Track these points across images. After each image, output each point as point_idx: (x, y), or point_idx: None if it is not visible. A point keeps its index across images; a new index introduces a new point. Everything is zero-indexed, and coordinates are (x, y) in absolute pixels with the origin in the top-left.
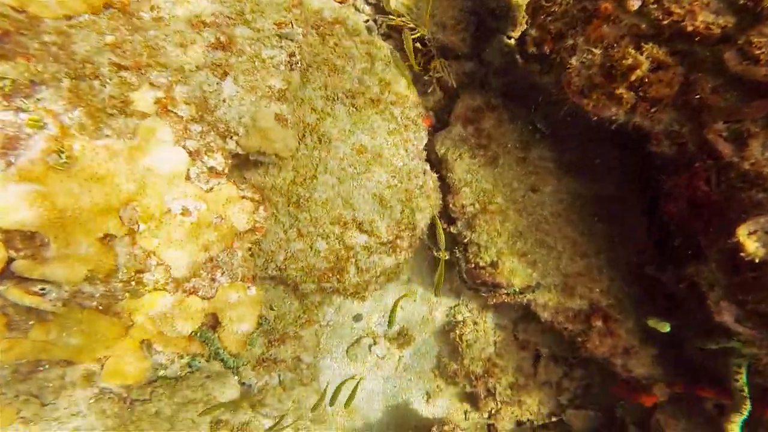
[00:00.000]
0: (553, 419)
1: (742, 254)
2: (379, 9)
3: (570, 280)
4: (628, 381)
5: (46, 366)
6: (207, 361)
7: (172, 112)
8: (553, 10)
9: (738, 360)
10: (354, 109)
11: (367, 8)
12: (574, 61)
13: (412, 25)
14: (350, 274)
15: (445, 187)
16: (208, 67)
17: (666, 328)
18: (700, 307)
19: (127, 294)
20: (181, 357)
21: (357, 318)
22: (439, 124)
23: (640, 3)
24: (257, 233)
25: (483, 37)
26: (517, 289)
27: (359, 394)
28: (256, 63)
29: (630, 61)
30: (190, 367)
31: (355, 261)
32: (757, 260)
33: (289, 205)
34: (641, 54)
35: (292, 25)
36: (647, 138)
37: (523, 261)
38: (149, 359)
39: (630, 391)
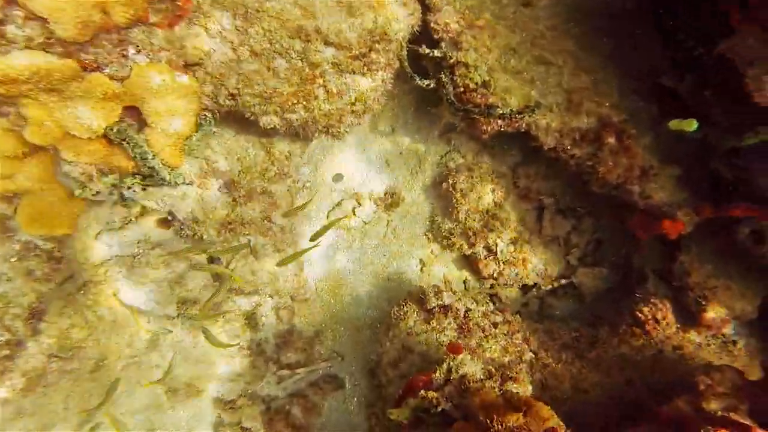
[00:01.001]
0: (563, 282)
1: None
2: None
3: (574, 96)
4: (647, 211)
5: None
6: (143, 184)
7: None
8: None
9: None
10: None
11: None
12: None
13: None
14: (319, 99)
15: (425, 10)
16: None
17: (693, 125)
18: (731, 104)
19: None
20: (103, 174)
21: (337, 178)
22: None
23: None
24: (182, 8)
25: None
26: (514, 110)
27: (345, 266)
28: None
29: None
30: (118, 192)
31: (323, 82)
32: None
33: (236, 19)
34: None
35: None
36: None
37: (519, 79)
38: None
39: (649, 223)
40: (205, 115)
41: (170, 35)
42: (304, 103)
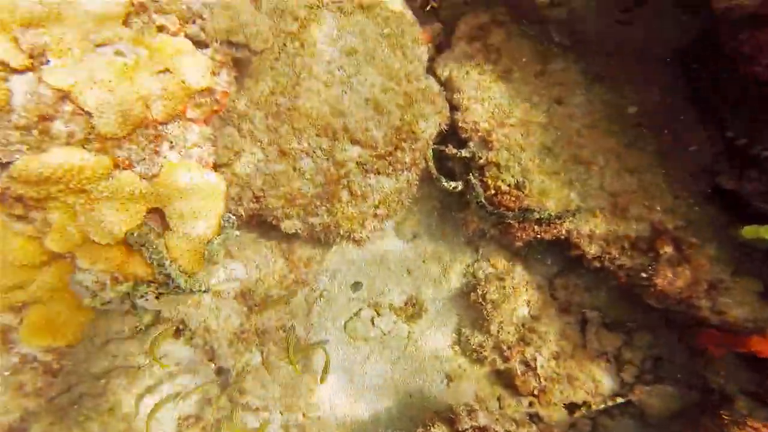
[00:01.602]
0: (618, 401)
1: None
2: None
3: (620, 199)
4: (722, 327)
5: None
6: (156, 292)
7: None
8: None
9: None
10: (342, 15)
11: None
12: None
13: None
14: (343, 201)
15: (453, 110)
16: None
17: None
18: None
19: (25, 147)
20: (117, 282)
21: (356, 287)
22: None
23: None
24: (219, 102)
25: None
26: (553, 214)
27: (363, 379)
28: None
29: None
30: (130, 300)
31: (348, 183)
32: None
33: (267, 118)
34: None
35: None
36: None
37: (556, 180)
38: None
39: (726, 340)
40: (229, 216)
41: (205, 131)
42: (328, 205)
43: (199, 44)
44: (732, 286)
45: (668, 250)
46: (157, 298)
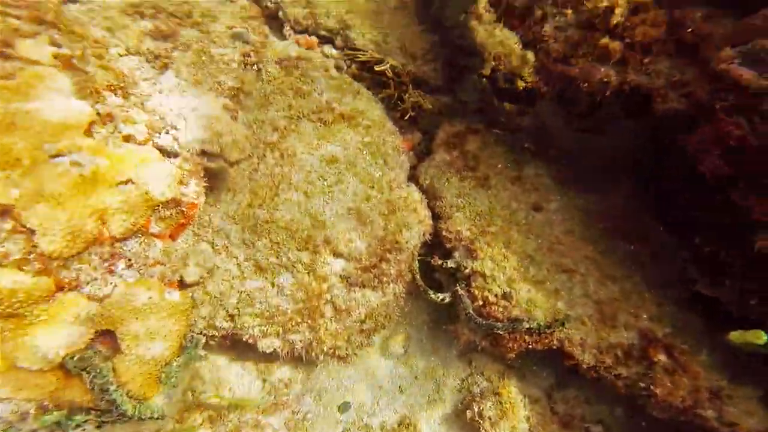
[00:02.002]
0: None
1: None
2: (344, 50)
3: (606, 307)
4: None
5: None
6: (98, 421)
7: (79, 69)
8: None
9: None
10: (322, 125)
11: (335, 52)
12: (547, 27)
13: (379, 57)
14: (326, 317)
15: (436, 218)
16: (143, 54)
17: (762, 338)
18: None
19: None
20: (45, 411)
21: (344, 408)
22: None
23: None
24: (186, 215)
25: (455, 75)
26: (542, 323)
27: None
28: (203, 58)
29: (605, 2)
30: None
31: (331, 297)
32: None
33: (244, 232)
34: None
35: (248, 30)
36: (650, 100)
37: (542, 289)
38: None
39: None
40: (192, 335)
41: (170, 248)
42: (309, 322)
43: (170, 154)
44: (733, 394)
45: (662, 358)
46: (98, 427)
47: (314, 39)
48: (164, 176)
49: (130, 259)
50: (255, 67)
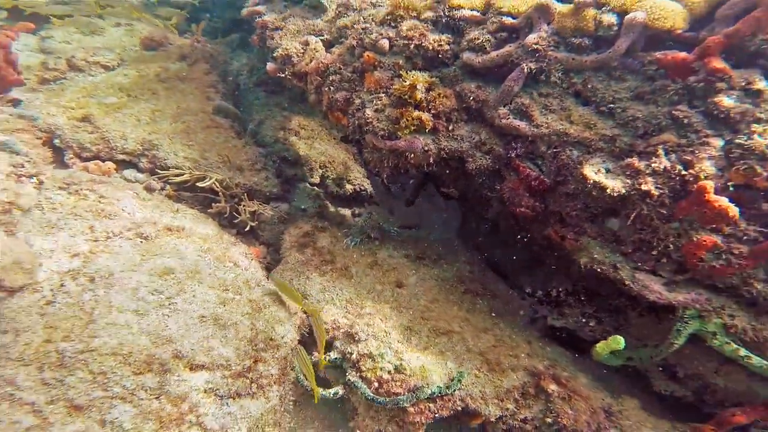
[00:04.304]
0: None
1: (607, 192)
2: (154, 172)
3: (489, 355)
4: None
5: None
6: None
7: None
8: (332, 79)
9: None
10: (143, 240)
11: (141, 176)
12: (369, 112)
13: (199, 173)
14: None
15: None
16: None
17: (620, 343)
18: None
19: None
20: None
21: None
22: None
23: (388, 41)
24: None
25: (287, 185)
26: (441, 385)
27: None
28: None
29: (408, 82)
30: None
31: (197, 419)
32: (618, 193)
33: (43, 371)
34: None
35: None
36: (463, 161)
37: (429, 354)
38: None
39: None
40: None
41: None
42: None
43: None
44: (621, 408)
45: (554, 387)
46: None
47: (110, 164)
48: None
49: None
50: (34, 179)
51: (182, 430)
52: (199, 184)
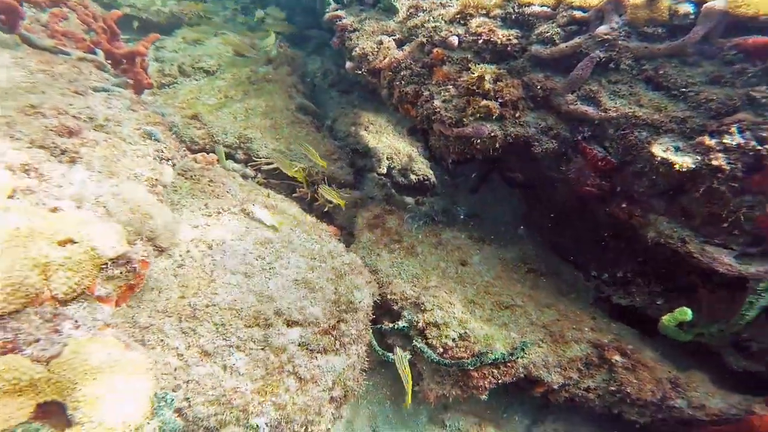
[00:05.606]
0: None
1: (675, 168)
2: (248, 161)
3: (553, 328)
4: (715, 422)
5: None
6: None
7: None
8: (403, 74)
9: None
10: (245, 216)
11: (238, 166)
12: (437, 102)
13: (287, 161)
14: (291, 390)
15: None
16: (48, 149)
17: (686, 314)
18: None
19: None
20: None
21: None
22: None
23: (457, 38)
24: (139, 273)
25: (358, 175)
26: (505, 352)
27: None
28: (115, 152)
29: (477, 73)
30: None
31: (293, 368)
32: (686, 168)
33: (181, 321)
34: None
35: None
36: (529, 145)
37: (493, 325)
38: None
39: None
40: (165, 394)
41: (118, 312)
42: (273, 399)
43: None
44: (688, 381)
45: (618, 358)
46: None
47: (213, 156)
48: (111, 233)
49: (77, 321)
50: (170, 162)
51: (282, 378)
52: (287, 171)
